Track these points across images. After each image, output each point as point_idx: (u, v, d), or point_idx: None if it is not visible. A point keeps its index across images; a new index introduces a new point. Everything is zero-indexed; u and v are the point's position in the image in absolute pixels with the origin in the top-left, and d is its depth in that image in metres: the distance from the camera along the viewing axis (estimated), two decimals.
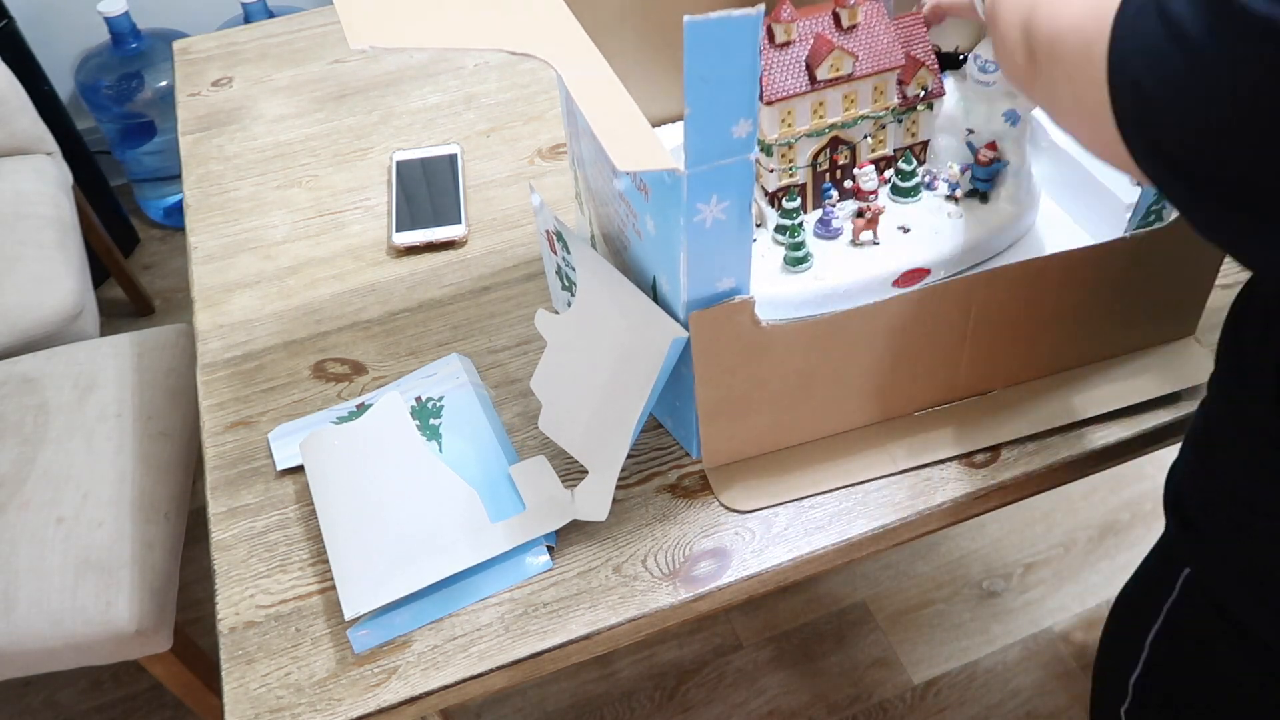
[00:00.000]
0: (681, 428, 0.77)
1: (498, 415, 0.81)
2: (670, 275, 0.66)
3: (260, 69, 1.23)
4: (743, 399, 0.71)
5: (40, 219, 1.45)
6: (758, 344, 0.68)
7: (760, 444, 0.75)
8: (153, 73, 1.93)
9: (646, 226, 0.67)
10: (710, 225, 0.61)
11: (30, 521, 1.06)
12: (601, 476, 0.71)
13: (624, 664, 1.44)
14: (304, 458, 0.77)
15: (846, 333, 0.70)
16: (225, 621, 0.70)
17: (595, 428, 0.72)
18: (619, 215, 0.72)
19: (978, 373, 0.77)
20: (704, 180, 0.58)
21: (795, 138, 0.77)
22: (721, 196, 0.60)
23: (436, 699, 0.66)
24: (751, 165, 0.59)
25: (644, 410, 0.68)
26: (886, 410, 0.77)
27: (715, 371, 0.68)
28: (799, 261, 0.78)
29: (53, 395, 1.17)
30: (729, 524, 0.73)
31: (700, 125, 0.56)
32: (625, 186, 0.68)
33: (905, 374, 0.75)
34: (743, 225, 0.62)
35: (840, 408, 0.75)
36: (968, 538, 1.58)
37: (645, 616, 0.69)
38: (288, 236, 1.00)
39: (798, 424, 0.75)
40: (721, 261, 0.64)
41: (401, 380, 0.83)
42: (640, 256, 0.71)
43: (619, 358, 0.70)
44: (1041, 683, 1.41)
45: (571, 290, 0.77)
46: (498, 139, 1.10)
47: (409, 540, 0.71)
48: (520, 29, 0.64)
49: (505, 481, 0.75)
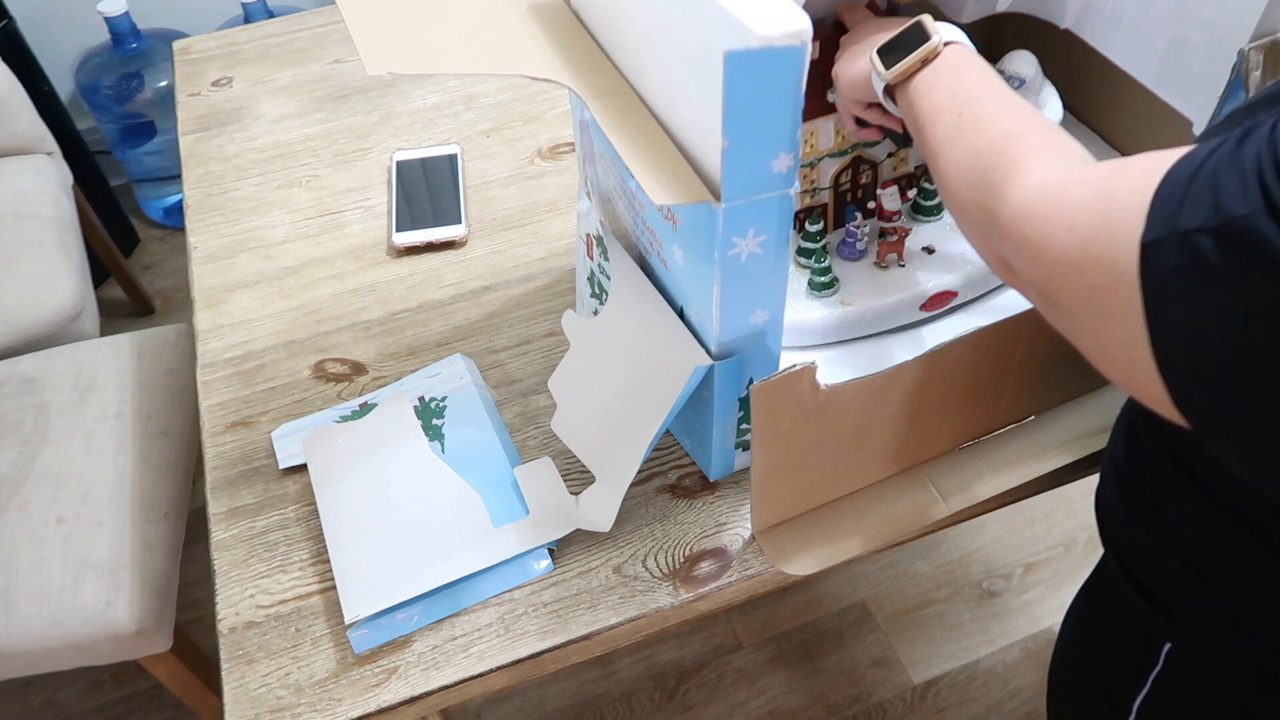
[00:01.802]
0: (700, 448, 0.75)
1: (500, 416, 0.81)
2: (700, 307, 0.64)
3: (260, 69, 1.22)
4: (796, 461, 0.67)
5: (40, 219, 1.45)
6: (817, 406, 0.64)
7: (809, 501, 0.72)
8: (153, 73, 1.93)
9: (673, 256, 0.65)
10: (746, 259, 0.59)
11: (30, 521, 1.05)
12: (609, 488, 0.70)
13: (624, 664, 1.44)
14: (307, 455, 0.77)
15: (901, 382, 0.66)
16: (225, 621, 0.70)
17: (608, 438, 0.71)
18: (642, 242, 0.70)
19: (1020, 401, 0.75)
20: (741, 214, 0.56)
21: (818, 158, 0.75)
22: (759, 230, 0.58)
23: (436, 699, 0.66)
24: (791, 200, 0.57)
25: (660, 429, 0.67)
26: (932, 450, 0.74)
27: (773, 438, 0.64)
28: (825, 287, 0.76)
29: (53, 395, 1.17)
30: (729, 524, 0.73)
31: (739, 158, 0.54)
32: (651, 215, 0.66)
33: (953, 413, 0.72)
34: (779, 258, 0.60)
35: (889, 455, 0.72)
36: (968, 538, 1.58)
37: (645, 616, 0.69)
38: (288, 236, 1.00)
39: (847, 477, 0.72)
40: (756, 295, 0.62)
41: (405, 380, 0.83)
42: (666, 285, 0.69)
43: (641, 373, 0.69)
44: (1041, 683, 1.41)
45: (602, 298, 0.76)
46: (498, 139, 1.10)
47: (411, 544, 0.70)
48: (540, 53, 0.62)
49: (508, 483, 0.74)
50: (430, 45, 0.60)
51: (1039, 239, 0.46)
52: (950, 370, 0.68)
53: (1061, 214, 0.45)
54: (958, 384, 0.69)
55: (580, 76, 0.61)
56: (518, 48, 0.62)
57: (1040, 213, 0.46)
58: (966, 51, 0.62)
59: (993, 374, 0.70)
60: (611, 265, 0.73)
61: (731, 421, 0.71)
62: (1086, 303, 0.43)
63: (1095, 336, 0.44)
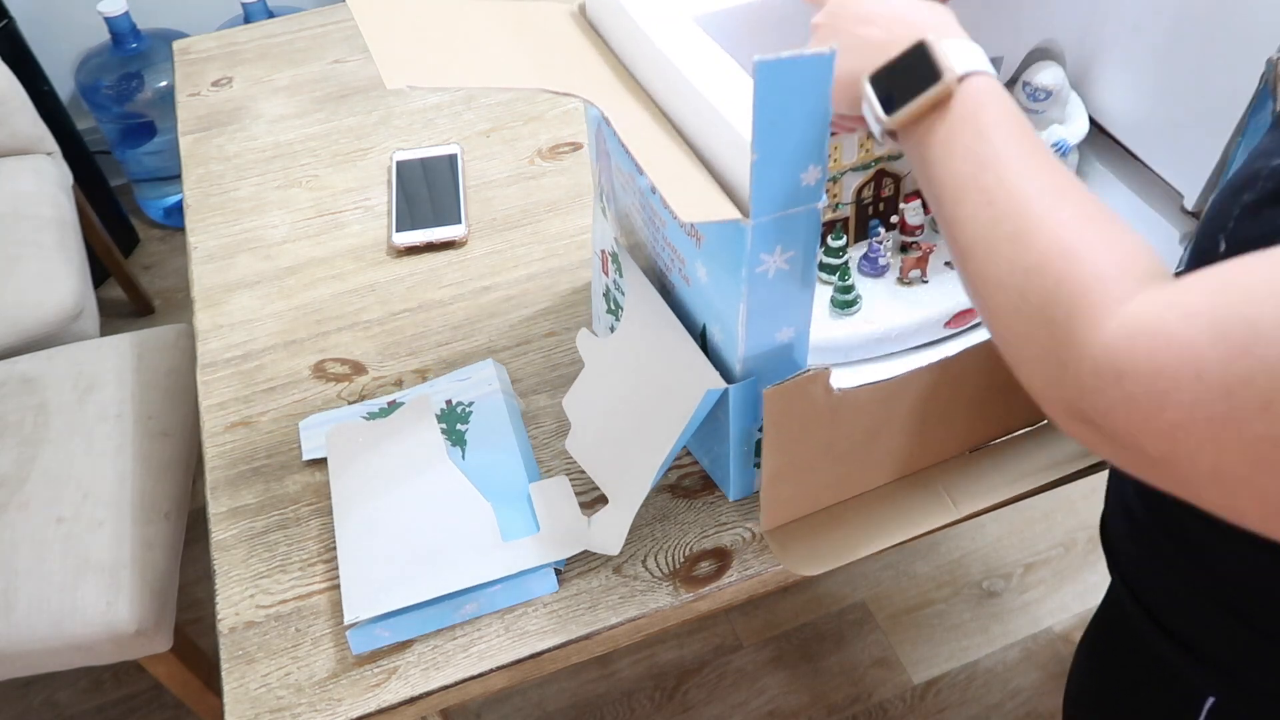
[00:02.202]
0: (718, 469, 0.74)
1: (524, 427, 0.80)
2: (725, 325, 0.62)
3: (260, 69, 1.22)
4: (807, 463, 0.67)
5: (40, 219, 1.45)
6: (830, 410, 0.63)
7: (818, 501, 0.72)
8: (153, 73, 1.93)
9: (696, 273, 0.63)
10: (773, 275, 0.57)
11: (30, 521, 1.05)
12: (619, 510, 0.70)
13: (624, 664, 1.44)
14: (328, 450, 0.77)
15: (914, 388, 0.66)
16: (225, 621, 0.70)
17: (620, 459, 0.71)
18: (662, 259, 0.69)
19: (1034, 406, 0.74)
20: (769, 230, 0.54)
21: (841, 172, 0.74)
22: (786, 246, 0.56)
23: (436, 699, 0.66)
24: (818, 214, 0.55)
25: (671, 453, 0.66)
26: (942, 454, 0.74)
27: (785, 441, 0.64)
28: (848, 304, 0.75)
29: (53, 395, 1.17)
30: (729, 524, 0.73)
31: (768, 172, 0.52)
32: (672, 231, 0.64)
33: (965, 418, 0.71)
34: (806, 275, 0.59)
35: (900, 459, 0.72)
36: (968, 538, 1.58)
37: (645, 616, 0.69)
38: (288, 236, 1.00)
39: (857, 478, 0.72)
40: (782, 313, 0.60)
41: (434, 382, 0.83)
42: (688, 303, 0.67)
43: (654, 395, 0.68)
44: (1041, 683, 1.41)
45: (617, 315, 0.75)
46: (498, 139, 1.10)
47: (418, 549, 0.70)
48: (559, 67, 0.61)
49: (522, 497, 0.74)
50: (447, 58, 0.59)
51: (1151, 399, 0.36)
52: (963, 376, 0.67)
53: (1178, 362, 0.35)
54: (970, 390, 0.69)
55: (601, 91, 0.61)
56: (536, 61, 0.61)
57: (1143, 367, 0.36)
58: (985, 88, 0.49)
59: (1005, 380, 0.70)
60: (626, 283, 0.72)
61: (751, 442, 0.70)
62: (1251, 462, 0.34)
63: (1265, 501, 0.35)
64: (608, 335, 0.75)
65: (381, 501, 0.73)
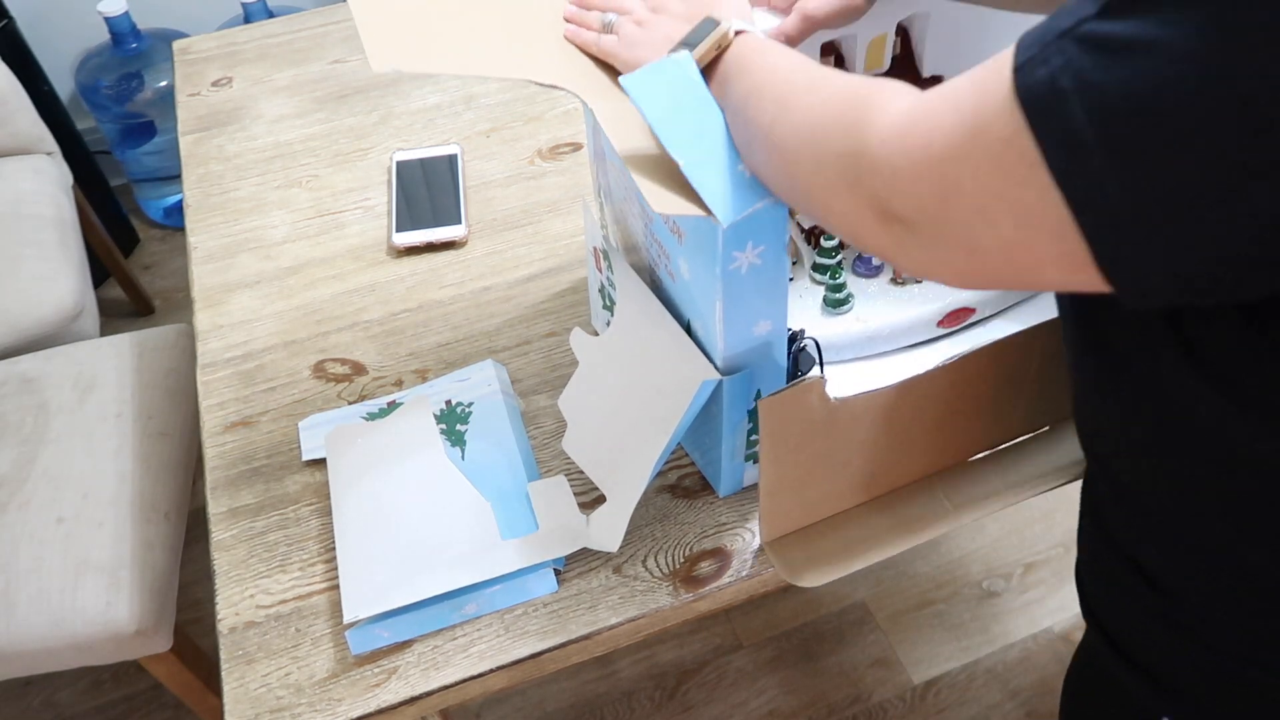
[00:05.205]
0: (710, 465, 0.75)
1: (524, 427, 0.80)
2: (705, 321, 0.64)
3: (260, 69, 1.22)
4: (806, 474, 0.67)
5: (40, 219, 1.45)
6: (826, 419, 0.63)
7: (819, 512, 0.72)
8: (153, 73, 1.93)
9: (680, 269, 0.65)
10: (746, 271, 0.59)
11: (30, 521, 1.05)
12: (617, 507, 0.70)
13: (624, 664, 1.44)
14: (327, 450, 0.77)
15: (914, 394, 0.66)
16: (225, 621, 0.70)
17: (617, 456, 0.71)
18: (650, 254, 0.70)
19: (1033, 413, 0.74)
20: (739, 228, 0.56)
21: None
22: (756, 242, 0.58)
23: (436, 699, 0.66)
24: (785, 209, 0.57)
25: (667, 447, 0.66)
26: (943, 461, 0.74)
27: (782, 451, 0.64)
28: (840, 303, 0.75)
29: (53, 395, 1.17)
30: (729, 524, 0.73)
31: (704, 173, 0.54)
32: (658, 227, 0.65)
33: (962, 425, 0.71)
34: (779, 268, 0.60)
35: (899, 465, 0.72)
36: (968, 538, 1.58)
37: (645, 616, 0.69)
38: (288, 236, 1.00)
39: (856, 489, 0.71)
40: (758, 306, 0.62)
41: (434, 382, 0.83)
42: (674, 298, 0.68)
43: (649, 390, 0.68)
44: (1041, 683, 1.41)
45: (613, 310, 0.75)
46: (498, 139, 1.10)
47: (418, 549, 0.70)
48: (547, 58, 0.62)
49: (522, 497, 0.74)
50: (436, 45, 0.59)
51: (919, 149, 0.41)
52: (963, 383, 0.67)
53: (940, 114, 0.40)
54: (970, 397, 0.69)
55: (587, 83, 0.61)
56: (525, 51, 0.61)
57: (917, 124, 0.41)
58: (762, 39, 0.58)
59: (1007, 386, 0.70)
60: (617, 279, 0.73)
61: (741, 435, 0.70)
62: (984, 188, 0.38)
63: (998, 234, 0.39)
64: (601, 331, 0.75)
65: (381, 501, 0.73)
